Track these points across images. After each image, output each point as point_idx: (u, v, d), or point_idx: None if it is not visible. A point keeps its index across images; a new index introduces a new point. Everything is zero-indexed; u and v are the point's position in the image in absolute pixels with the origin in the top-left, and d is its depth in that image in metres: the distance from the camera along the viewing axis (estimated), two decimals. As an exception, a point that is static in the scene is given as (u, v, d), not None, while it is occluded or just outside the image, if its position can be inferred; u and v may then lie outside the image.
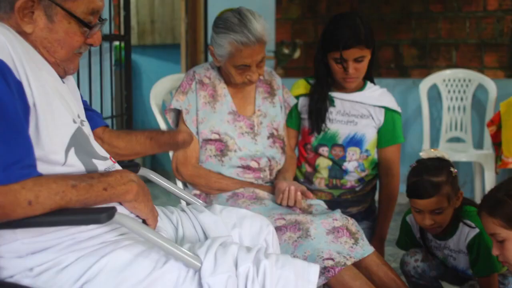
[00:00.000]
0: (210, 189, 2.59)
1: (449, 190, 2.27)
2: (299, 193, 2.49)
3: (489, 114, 4.64)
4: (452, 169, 2.32)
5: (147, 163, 6.52)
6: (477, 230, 2.29)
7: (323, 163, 2.85)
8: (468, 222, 2.32)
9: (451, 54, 5.13)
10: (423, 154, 2.39)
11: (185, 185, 2.68)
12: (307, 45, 5.47)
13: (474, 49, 5.07)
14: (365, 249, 2.32)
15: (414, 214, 2.38)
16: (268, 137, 2.69)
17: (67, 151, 1.61)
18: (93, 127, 1.95)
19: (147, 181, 2.11)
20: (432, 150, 2.40)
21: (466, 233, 2.32)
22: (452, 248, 2.39)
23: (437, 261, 2.52)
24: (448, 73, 4.94)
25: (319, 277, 1.71)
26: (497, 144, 3.79)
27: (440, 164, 2.32)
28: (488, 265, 2.24)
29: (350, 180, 2.86)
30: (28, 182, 1.44)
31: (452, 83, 4.91)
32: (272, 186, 2.63)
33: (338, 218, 2.34)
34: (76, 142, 1.65)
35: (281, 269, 1.64)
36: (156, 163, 6.56)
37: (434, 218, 2.30)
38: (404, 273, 2.60)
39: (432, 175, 2.27)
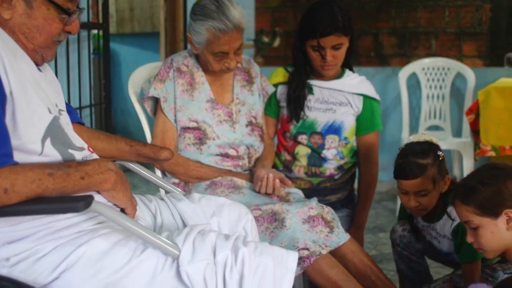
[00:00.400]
0: (188, 178, 2.59)
1: (434, 173, 2.30)
2: (277, 181, 2.50)
3: (468, 103, 4.66)
4: (439, 152, 2.35)
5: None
6: None
7: (302, 151, 2.86)
8: (453, 211, 2.34)
9: (430, 42, 5.16)
10: (412, 138, 2.43)
11: (164, 173, 2.67)
12: (287, 34, 5.46)
13: (453, 38, 5.10)
14: (340, 237, 2.33)
15: (400, 196, 2.40)
16: (247, 125, 2.69)
17: (43, 140, 1.61)
18: None
19: (126, 170, 2.11)
20: (420, 134, 2.43)
21: (453, 218, 2.34)
22: (438, 231, 2.41)
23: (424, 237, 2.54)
24: (427, 61, 4.96)
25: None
26: (475, 132, 3.82)
27: (428, 147, 2.35)
28: (471, 252, 2.26)
29: (329, 168, 2.86)
30: (3, 171, 1.44)
31: (431, 72, 4.93)
32: (251, 174, 2.63)
33: (313, 206, 2.35)
34: (52, 132, 1.64)
35: (259, 256, 1.65)
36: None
37: (419, 200, 2.33)
38: (391, 241, 2.62)
39: (418, 157, 2.30)
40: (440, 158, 2.34)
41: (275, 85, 2.89)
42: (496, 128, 3.62)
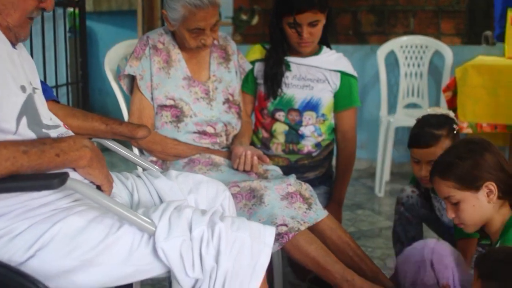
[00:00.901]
0: (166, 155, 2.58)
1: (448, 145, 2.32)
2: (255, 158, 2.50)
3: (445, 80, 4.67)
4: (454, 126, 2.39)
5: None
6: None
7: (280, 128, 2.86)
8: None
9: (408, 20, 5.16)
10: (430, 110, 2.48)
11: (141, 152, 2.66)
12: (265, 12, 5.43)
13: (431, 16, 5.10)
14: (318, 213, 2.34)
15: (412, 165, 2.43)
16: (224, 103, 2.68)
17: (18, 119, 1.59)
18: None
19: (104, 149, 2.09)
20: (437, 108, 2.47)
21: None
22: (443, 204, 2.44)
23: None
24: (405, 39, 4.95)
25: (273, 243, 1.72)
26: (453, 109, 3.84)
27: (444, 120, 2.40)
28: None
29: (307, 145, 2.87)
30: (-23, 149, 1.42)
31: (409, 50, 4.93)
32: (229, 152, 2.63)
33: (292, 183, 2.36)
34: (27, 110, 1.63)
35: (236, 231, 1.64)
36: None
37: (430, 170, 2.35)
38: (397, 199, 2.64)
39: (433, 128, 2.36)
40: (455, 132, 2.38)
41: (252, 62, 2.89)
42: (473, 105, 3.63)
